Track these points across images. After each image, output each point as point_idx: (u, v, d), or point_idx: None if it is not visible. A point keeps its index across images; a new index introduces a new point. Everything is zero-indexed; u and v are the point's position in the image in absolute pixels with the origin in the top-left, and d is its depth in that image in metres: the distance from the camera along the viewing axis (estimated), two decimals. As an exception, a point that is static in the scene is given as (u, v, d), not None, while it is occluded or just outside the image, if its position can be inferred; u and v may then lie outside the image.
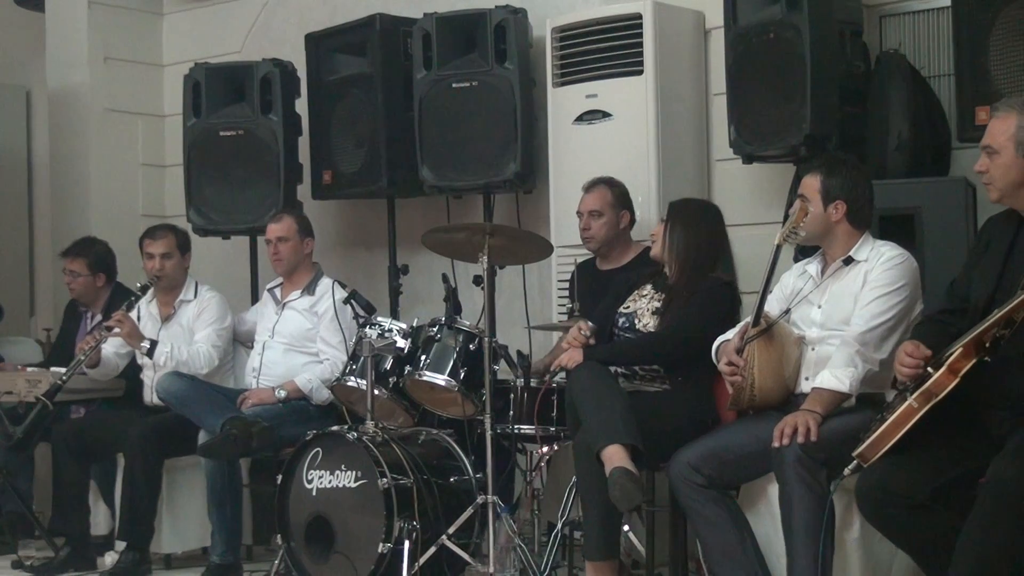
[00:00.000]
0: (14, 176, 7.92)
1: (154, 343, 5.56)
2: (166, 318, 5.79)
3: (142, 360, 5.70)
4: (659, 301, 4.49)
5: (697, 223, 4.54)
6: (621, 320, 4.56)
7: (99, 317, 6.15)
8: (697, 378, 4.39)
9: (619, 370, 4.47)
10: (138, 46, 7.33)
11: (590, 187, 5.07)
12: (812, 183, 4.09)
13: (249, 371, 5.66)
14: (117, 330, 5.54)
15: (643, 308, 4.53)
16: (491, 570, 4.43)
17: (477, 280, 4.86)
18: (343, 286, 5.48)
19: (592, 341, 4.47)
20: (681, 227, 4.51)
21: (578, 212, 5.06)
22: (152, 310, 5.83)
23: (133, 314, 5.71)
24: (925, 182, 4.64)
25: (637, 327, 4.52)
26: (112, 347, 5.74)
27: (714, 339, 4.29)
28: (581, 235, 5.09)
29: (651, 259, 4.67)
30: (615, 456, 4.01)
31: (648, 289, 4.59)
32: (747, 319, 4.10)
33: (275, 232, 5.63)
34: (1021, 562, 3.25)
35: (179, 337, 5.70)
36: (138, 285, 5.72)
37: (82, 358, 5.53)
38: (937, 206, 4.51)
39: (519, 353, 5.01)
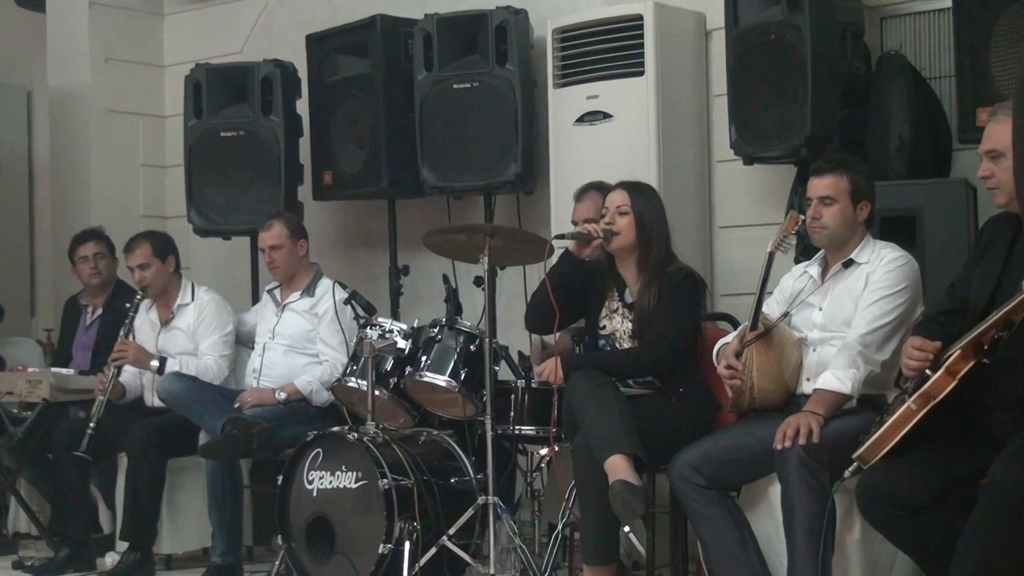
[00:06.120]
0: (15, 176, 7.92)
1: (163, 360, 5.57)
2: (165, 322, 5.79)
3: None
4: (630, 320, 4.46)
5: (651, 193, 4.55)
6: (601, 342, 4.54)
7: (99, 311, 6.16)
8: (693, 379, 4.39)
9: None
10: (139, 47, 7.33)
11: (581, 195, 4.99)
12: (839, 183, 4.05)
13: (249, 372, 5.66)
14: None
15: (619, 330, 4.50)
16: (492, 571, 4.43)
17: (478, 281, 4.86)
18: (343, 287, 5.48)
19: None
20: (644, 202, 4.48)
21: (573, 222, 4.90)
22: (152, 316, 5.83)
23: (138, 320, 5.74)
24: (926, 183, 4.65)
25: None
26: (129, 370, 5.73)
27: (694, 335, 4.36)
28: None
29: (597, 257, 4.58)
30: (618, 468, 4.00)
31: (616, 301, 4.54)
32: (746, 323, 4.10)
33: (267, 241, 5.61)
34: (1022, 564, 3.25)
35: (180, 341, 5.71)
36: (136, 297, 5.72)
37: (102, 399, 5.48)
38: (938, 207, 4.52)
39: (520, 354, 5.01)
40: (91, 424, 5.42)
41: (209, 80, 6.25)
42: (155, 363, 5.57)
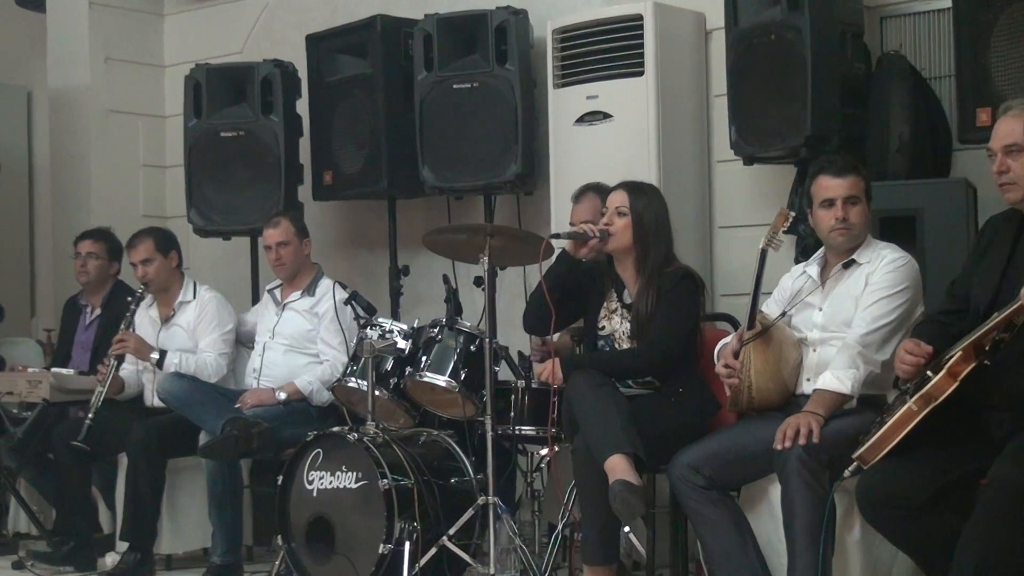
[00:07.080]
0: (15, 177, 7.91)
1: (163, 353, 5.57)
2: (165, 319, 5.79)
3: (143, 365, 5.71)
4: (629, 320, 4.46)
5: (653, 194, 4.53)
6: (600, 343, 4.54)
7: (98, 311, 6.16)
8: (692, 380, 4.39)
9: None
10: (139, 47, 7.33)
11: (579, 196, 5.00)
12: (858, 183, 4.05)
13: (249, 372, 5.66)
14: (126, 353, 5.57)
15: (618, 330, 4.49)
16: (492, 571, 4.43)
17: (478, 281, 4.85)
18: (344, 287, 5.48)
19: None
20: (646, 201, 4.47)
21: (571, 224, 4.86)
22: (152, 313, 5.82)
23: (138, 316, 5.74)
24: (926, 183, 4.65)
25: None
26: (128, 363, 5.72)
27: (693, 336, 4.36)
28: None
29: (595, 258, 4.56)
30: (618, 467, 4.00)
31: (615, 302, 4.53)
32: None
33: (275, 237, 5.61)
34: (1022, 564, 3.25)
35: (180, 338, 5.71)
36: (139, 292, 5.73)
37: (101, 390, 5.48)
38: (938, 208, 4.51)
39: (520, 354, 5.01)
40: (90, 415, 5.42)
41: (209, 80, 6.25)
42: (155, 355, 5.57)
